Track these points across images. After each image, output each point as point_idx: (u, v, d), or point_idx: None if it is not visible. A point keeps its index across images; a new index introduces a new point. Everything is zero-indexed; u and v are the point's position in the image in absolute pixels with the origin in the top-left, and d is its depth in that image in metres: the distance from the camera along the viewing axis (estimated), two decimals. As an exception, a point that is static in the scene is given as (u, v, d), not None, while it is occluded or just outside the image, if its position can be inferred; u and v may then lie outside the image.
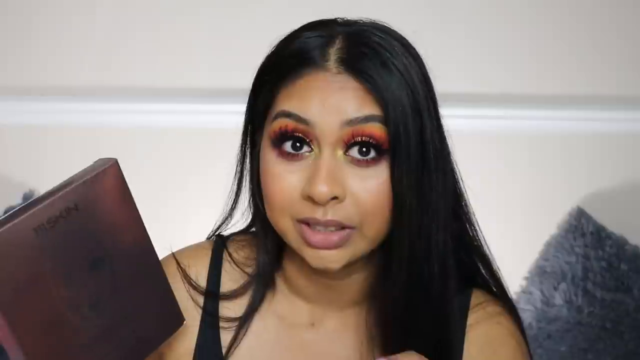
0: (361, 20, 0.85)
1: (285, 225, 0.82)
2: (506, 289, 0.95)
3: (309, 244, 0.81)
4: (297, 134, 0.79)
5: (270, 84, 0.83)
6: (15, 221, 0.67)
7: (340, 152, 0.79)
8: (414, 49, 0.84)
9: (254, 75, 0.87)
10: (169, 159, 1.85)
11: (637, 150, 1.89)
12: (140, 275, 0.78)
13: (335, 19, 0.86)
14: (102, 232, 0.73)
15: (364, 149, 0.79)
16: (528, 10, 1.86)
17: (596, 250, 1.79)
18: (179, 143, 1.85)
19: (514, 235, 1.83)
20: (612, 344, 1.73)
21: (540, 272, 1.82)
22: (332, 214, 0.79)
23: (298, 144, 0.80)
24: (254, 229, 0.95)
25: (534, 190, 1.88)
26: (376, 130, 0.78)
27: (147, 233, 0.78)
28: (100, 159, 0.75)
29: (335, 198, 0.78)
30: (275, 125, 0.81)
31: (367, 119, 0.78)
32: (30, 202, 0.69)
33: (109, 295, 0.75)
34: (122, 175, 0.75)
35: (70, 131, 1.80)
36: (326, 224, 0.79)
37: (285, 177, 0.80)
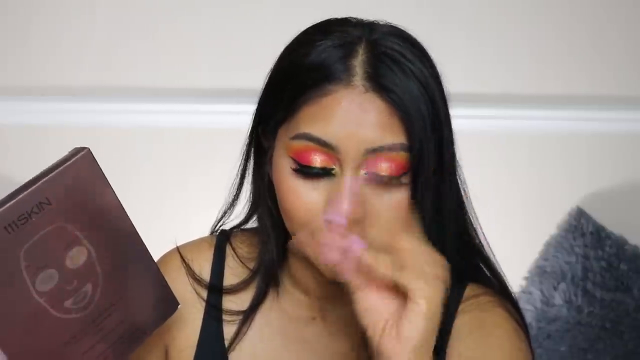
0: (376, 21, 0.84)
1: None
2: (508, 287, 0.94)
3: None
4: (320, 156, 0.79)
5: (289, 96, 0.81)
6: None
7: (361, 172, 0.79)
8: (429, 54, 0.84)
9: (265, 77, 0.86)
10: (169, 159, 1.85)
11: (637, 150, 1.89)
12: (126, 263, 0.77)
13: (347, 18, 0.85)
14: (79, 223, 0.72)
15: (386, 173, 0.79)
16: (528, 10, 1.85)
17: (596, 250, 1.79)
18: (179, 143, 1.85)
19: (514, 235, 1.83)
20: (612, 344, 1.73)
21: (540, 272, 1.82)
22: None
23: (318, 165, 0.79)
24: (256, 225, 0.96)
25: (534, 190, 1.88)
26: (399, 157, 0.79)
27: (129, 219, 0.76)
28: (74, 148, 0.73)
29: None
30: (297, 145, 0.80)
31: (391, 147, 0.78)
32: (1, 201, 0.68)
33: (92, 286, 0.74)
34: (96, 163, 0.73)
35: (70, 131, 1.80)
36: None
37: (306, 193, 0.80)
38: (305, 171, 0.79)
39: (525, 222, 1.87)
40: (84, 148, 0.73)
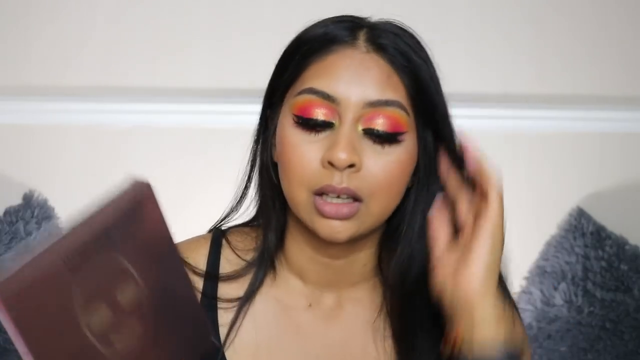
0: (380, 19, 0.90)
1: (300, 197, 0.86)
2: (503, 280, 0.95)
3: (321, 213, 0.84)
4: (321, 109, 0.84)
5: (297, 61, 0.87)
6: (45, 253, 0.65)
7: (360, 127, 0.84)
8: (425, 48, 0.89)
9: (273, 65, 0.90)
10: (169, 159, 1.85)
11: (637, 150, 1.89)
12: (173, 302, 0.77)
13: (353, 15, 0.90)
14: (133, 258, 0.72)
15: (382, 128, 0.84)
16: (529, 10, 1.86)
17: (596, 250, 1.79)
18: (179, 143, 1.85)
19: (514, 235, 1.83)
20: (612, 344, 1.73)
21: (540, 272, 1.82)
22: (347, 182, 0.83)
23: (320, 118, 0.84)
24: (253, 223, 0.97)
25: (534, 190, 1.88)
26: (396, 114, 0.85)
27: (181, 259, 0.77)
28: (133, 182, 0.73)
29: (352, 166, 0.83)
30: (300, 99, 0.85)
31: (388, 103, 0.84)
32: (61, 233, 0.67)
33: (138, 322, 0.73)
34: (158, 203, 0.74)
35: (70, 131, 1.80)
36: (341, 192, 0.83)
37: (305, 147, 0.84)
38: (306, 123, 0.84)
39: (525, 222, 1.87)
40: (143, 184, 0.73)
